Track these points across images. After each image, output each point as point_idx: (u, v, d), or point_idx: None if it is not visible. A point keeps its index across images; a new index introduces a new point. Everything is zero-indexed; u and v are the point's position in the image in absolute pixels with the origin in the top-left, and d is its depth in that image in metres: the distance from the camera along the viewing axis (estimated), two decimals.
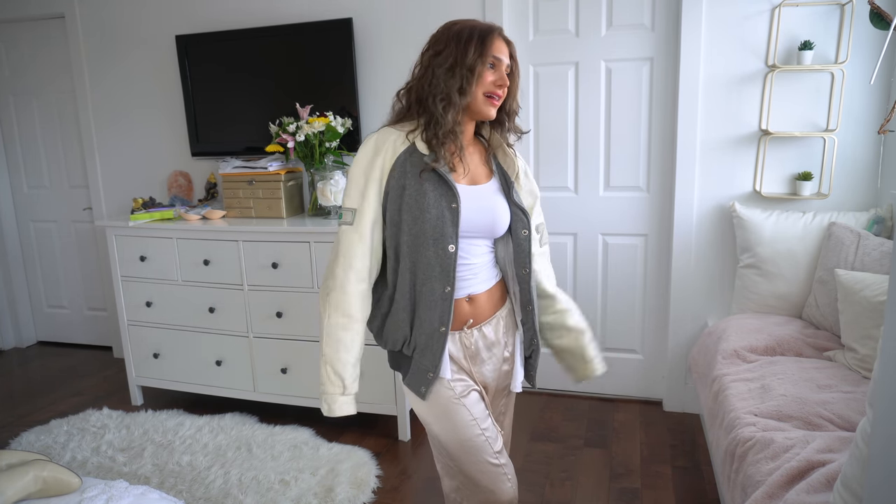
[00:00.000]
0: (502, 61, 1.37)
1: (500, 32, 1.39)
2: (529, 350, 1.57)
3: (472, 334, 1.47)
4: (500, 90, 1.38)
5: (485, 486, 1.45)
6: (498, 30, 1.39)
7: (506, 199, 1.47)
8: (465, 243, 1.41)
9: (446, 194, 1.36)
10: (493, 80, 1.36)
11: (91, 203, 3.76)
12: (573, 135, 2.90)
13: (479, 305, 1.46)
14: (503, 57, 1.37)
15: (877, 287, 1.94)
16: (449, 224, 1.35)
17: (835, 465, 1.37)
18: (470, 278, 1.44)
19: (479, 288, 1.46)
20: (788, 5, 2.48)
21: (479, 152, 1.50)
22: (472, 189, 1.42)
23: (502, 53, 1.37)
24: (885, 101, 2.47)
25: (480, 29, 1.37)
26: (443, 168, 1.36)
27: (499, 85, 1.37)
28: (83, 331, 4.07)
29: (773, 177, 2.64)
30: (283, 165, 3.00)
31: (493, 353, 1.51)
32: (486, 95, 1.37)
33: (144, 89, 3.46)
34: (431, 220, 1.34)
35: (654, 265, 2.90)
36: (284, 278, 2.72)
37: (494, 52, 1.36)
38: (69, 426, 2.85)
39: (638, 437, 2.69)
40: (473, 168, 1.46)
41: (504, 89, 1.39)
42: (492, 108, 1.39)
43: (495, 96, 1.37)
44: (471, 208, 1.39)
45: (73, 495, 1.43)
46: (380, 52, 2.99)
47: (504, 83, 1.37)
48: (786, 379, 1.90)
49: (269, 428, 2.77)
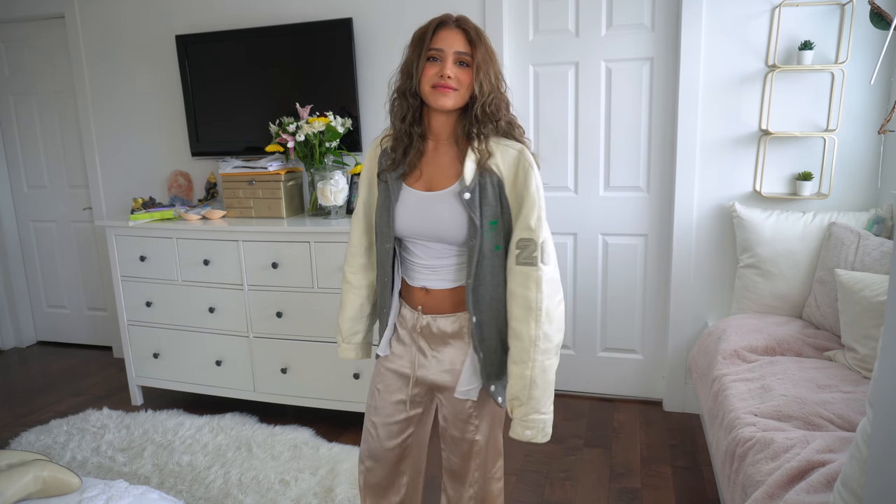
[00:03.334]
0: (444, 51, 1.35)
1: (447, 23, 1.38)
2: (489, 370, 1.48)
3: (423, 319, 1.50)
4: (444, 80, 1.34)
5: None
6: (443, 21, 1.38)
7: (463, 205, 1.39)
8: (416, 245, 1.48)
9: (389, 198, 1.46)
10: (434, 72, 1.35)
11: (91, 203, 3.76)
12: (573, 135, 2.90)
13: (435, 298, 1.49)
14: (445, 47, 1.35)
15: (877, 287, 1.94)
16: (385, 225, 1.47)
17: (835, 465, 1.37)
18: (428, 275, 1.49)
19: (436, 285, 1.48)
20: (788, 5, 2.48)
21: (452, 154, 1.45)
22: (419, 194, 1.44)
23: (445, 44, 1.35)
24: (885, 101, 2.47)
25: (426, 24, 1.39)
26: (389, 173, 1.45)
27: (441, 76, 1.34)
28: (83, 331, 4.07)
29: (773, 177, 2.64)
30: (283, 165, 3.00)
31: (449, 347, 1.50)
32: (433, 87, 1.36)
33: (144, 89, 3.46)
34: (379, 219, 1.51)
35: (654, 265, 2.90)
36: (284, 278, 2.72)
37: (434, 44, 1.35)
38: (69, 426, 2.85)
39: (638, 437, 2.69)
40: (433, 171, 1.44)
41: (450, 79, 1.35)
42: (441, 98, 1.36)
43: (442, 86, 1.35)
44: (408, 214, 1.44)
45: (73, 495, 1.43)
46: (380, 52, 2.99)
47: (444, 73, 1.34)
48: (786, 379, 1.90)
49: (269, 428, 2.77)
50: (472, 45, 1.36)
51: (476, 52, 1.36)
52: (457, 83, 1.36)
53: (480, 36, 1.38)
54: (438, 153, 1.45)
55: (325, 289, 2.66)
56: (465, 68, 1.37)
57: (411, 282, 1.51)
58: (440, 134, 1.44)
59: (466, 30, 1.37)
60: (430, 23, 1.39)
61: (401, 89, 1.42)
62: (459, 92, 1.37)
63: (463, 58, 1.36)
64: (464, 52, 1.36)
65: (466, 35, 1.36)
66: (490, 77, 1.38)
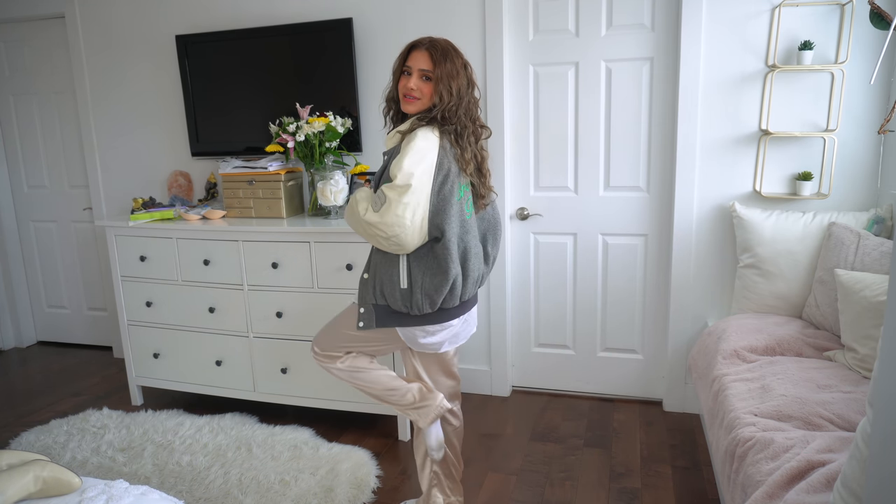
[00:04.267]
0: (412, 69, 1.74)
1: (419, 46, 1.75)
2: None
3: None
4: (409, 91, 1.74)
5: None
6: (415, 44, 1.76)
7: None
8: None
9: None
10: (404, 83, 1.76)
11: (91, 203, 3.76)
12: (573, 135, 2.90)
13: None
14: (413, 65, 1.74)
15: (877, 287, 1.94)
16: None
17: (835, 465, 1.37)
18: None
19: None
20: (788, 5, 2.48)
21: None
22: None
23: (415, 62, 1.74)
24: (885, 101, 2.47)
25: (407, 45, 1.78)
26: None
27: (409, 88, 1.74)
28: (83, 331, 4.07)
29: (773, 177, 2.64)
30: (283, 165, 3.00)
31: None
32: (403, 95, 1.77)
33: (144, 89, 3.46)
34: None
35: (654, 265, 2.90)
36: (284, 278, 2.72)
37: (408, 62, 1.76)
38: (69, 426, 2.85)
39: (638, 437, 2.69)
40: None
41: (413, 90, 1.73)
42: (407, 105, 1.77)
43: (408, 95, 1.75)
44: None
45: (73, 495, 1.43)
46: (380, 52, 2.99)
47: (408, 87, 1.74)
48: (786, 379, 1.90)
49: (269, 428, 2.77)
50: (434, 63, 1.72)
51: (436, 69, 1.71)
52: (419, 94, 1.74)
53: (446, 56, 1.73)
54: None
55: (325, 289, 2.66)
56: (428, 82, 1.74)
57: None
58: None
59: (431, 52, 1.73)
60: (409, 44, 1.78)
61: (388, 95, 1.85)
62: (422, 100, 1.75)
63: (427, 73, 1.73)
64: (426, 70, 1.73)
65: (431, 56, 1.72)
66: (451, 89, 1.72)
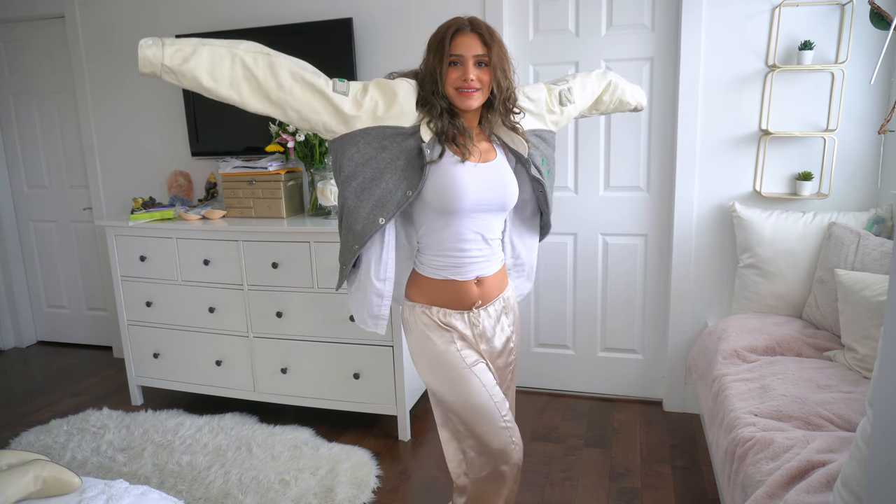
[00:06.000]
0: (464, 57, 1.45)
1: (462, 28, 1.47)
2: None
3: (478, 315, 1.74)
4: (468, 83, 1.46)
5: (496, 449, 1.56)
6: (458, 26, 1.47)
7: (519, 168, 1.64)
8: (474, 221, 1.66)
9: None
10: (457, 76, 1.46)
11: (91, 203, 3.76)
12: (573, 135, 2.90)
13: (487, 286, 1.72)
14: (464, 52, 1.45)
15: (877, 287, 1.94)
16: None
17: (835, 465, 1.37)
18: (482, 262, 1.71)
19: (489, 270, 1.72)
20: (788, 5, 2.48)
21: (481, 135, 1.61)
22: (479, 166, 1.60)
23: (464, 49, 1.45)
24: (885, 101, 2.47)
25: (443, 31, 1.48)
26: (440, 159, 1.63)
27: (464, 80, 1.45)
28: (83, 331, 4.07)
29: (773, 177, 2.64)
30: (283, 165, 3.00)
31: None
32: (457, 89, 1.47)
33: (144, 89, 3.46)
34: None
35: (654, 265, 2.90)
36: (284, 278, 2.72)
37: (454, 50, 1.46)
38: (69, 426, 2.85)
39: (638, 437, 2.69)
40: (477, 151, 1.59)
41: (473, 82, 1.46)
42: (466, 100, 1.48)
43: (464, 89, 1.46)
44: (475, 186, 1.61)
45: (73, 495, 1.43)
46: (380, 52, 2.99)
47: (466, 77, 1.45)
48: (786, 379, 1.90)
49: (269, 428, 2.77)
50: (488, 46, 1.46)
51: (492, 53, 1.47)
52: (479, 83, 1.47)
53: (493, 35, 1.48)
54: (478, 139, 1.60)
55: (325, 289, 2.66)
56: (484, 68, 1.48)
57: (459, 276, 1.59)
58: (470, 124, 1.58)
59: (481, 33, 1.46)
60: (447, 29, 1.47)
61: (432, 93, 1.49)
62: (482, 91, 1.49)
63: (481, 59, 1.47)
64: (482, 55, 1.46)
65: (482, 38, 1.46)
66: (507, 73, 1.50)
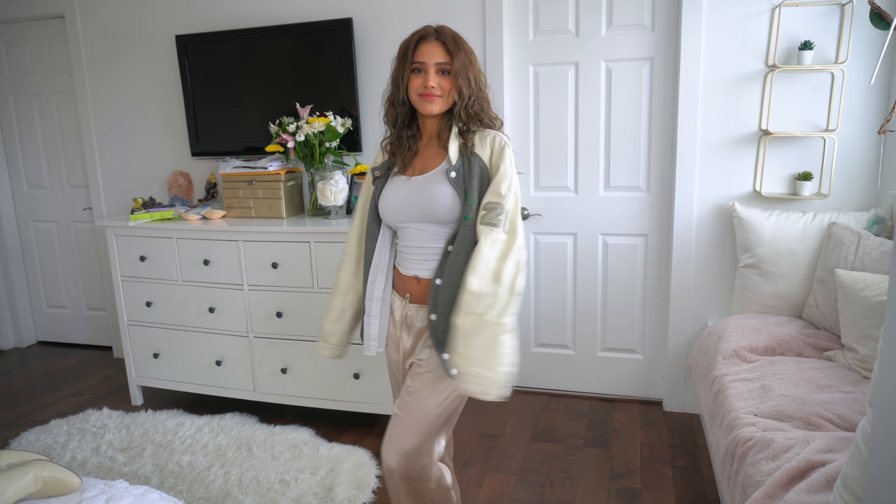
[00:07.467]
0: (426, 64, 1.51)
1: (427, 36, 1.53)
2: None
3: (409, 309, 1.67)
4: (428, 90, 1.51)
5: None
6: (423, 34, 1.53)
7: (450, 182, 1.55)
8: (407, 230, 1.63)
9: (381, 190, 1.66)
10: (419, 83, 1.52)
11: (91, 203, 3.76)
12: (573, 135, 2.90)
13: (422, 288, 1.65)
14: (427, 60, 1.51)
15: (877, 287, 1.94)
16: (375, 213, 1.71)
17: (835, 465, 1.37)
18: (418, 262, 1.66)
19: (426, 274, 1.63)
20: (788, 5, 2.48)
21: (437, 146, 1.62)
22: (409, 179, 1.61)
23: (426, 56, 1.51)
24: (885, 101, 2.47)
25: (409, 38, 1.55)
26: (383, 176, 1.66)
27: (425, 86, 1.51)
28: (83, 331, 4.07)
29: (773, 177, 2.64)
30: (283, 165, 3.00)
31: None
32: (420, 95, 1.54)
33: (144, 89, 3.46)
34: (371, 213, 1.71)
35: (654, 265, 2.90)
36: (284, 278, 2.72)
37: (416, 57, 1.52)
38: (69, 426, 2.85)
39: (638, 437, 2.69)
40: (422, 162, 1.62)
41: (434, 88, 1.51)
42: (428, 105, 1.53)
43: (429, 94, 1.52)
44: (399, 198, 1.62)
45: (73, 495, 1.43)
46: (380, 52, 2.99)
47: (427, 84, 1.51)
48: (786, 379, 1.90)
49: (269, 428, 2.77)
50: (451, 54, 1.52)
51: (454, 61, 1.52)
52: (440, 90, 1.53)
53: (458, 44, 1.53)
54: (429, 147, 1.63)
55: (325, 289, 2.66)
56: (446, 76, 1.53)
57: (403, 270, 1.64)
58: (431, 132, 1.63)
59: (444, 41, 1.52)
60: (413, 37, 1.55)
61: (391, 99, 1.60)
62: (443, 98, 1.54)
63: (443, 67, 1.52)
64: (444, 63, 1.52)
65: (445, 46, 1.52)
66: (469, 81, 1.53)
